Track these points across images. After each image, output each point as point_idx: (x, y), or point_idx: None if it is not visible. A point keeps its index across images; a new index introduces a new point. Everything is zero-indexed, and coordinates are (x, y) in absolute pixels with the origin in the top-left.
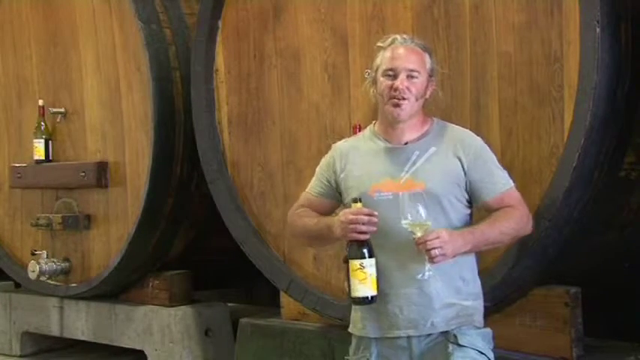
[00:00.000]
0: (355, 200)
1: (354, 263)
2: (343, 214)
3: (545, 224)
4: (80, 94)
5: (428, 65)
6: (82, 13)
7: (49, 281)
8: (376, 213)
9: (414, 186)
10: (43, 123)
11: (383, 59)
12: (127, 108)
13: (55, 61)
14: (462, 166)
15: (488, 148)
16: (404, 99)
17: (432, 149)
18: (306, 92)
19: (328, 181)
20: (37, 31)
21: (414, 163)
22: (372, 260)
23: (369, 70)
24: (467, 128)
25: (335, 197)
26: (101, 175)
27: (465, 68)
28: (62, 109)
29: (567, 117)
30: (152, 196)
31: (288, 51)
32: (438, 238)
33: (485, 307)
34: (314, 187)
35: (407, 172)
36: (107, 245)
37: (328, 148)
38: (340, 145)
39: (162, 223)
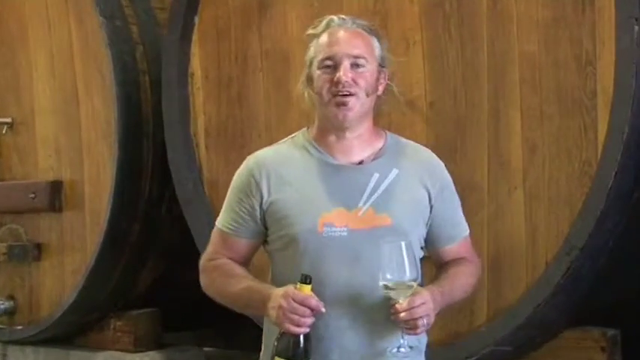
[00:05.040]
0: (305, 280)
1: None
2: (285, 297)
3: (577, 254)
4: (30, 102)
5: (377, 52)
6: (32, 8)
7: None
8: (323, 310)
9: (377, 221)
10: None
11: (317, 48)
12: (85, 117)
13: (0, 63)
14: (429, 198)
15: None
16: (350, 95)
17: (394, 172)
18: (296, 99)
19: (248, 214)
20: None
21: (375, 189)
22: None
23: (303, 77)
24: (484, 142)
25: (258, 235)
26: (54, 196)
27: (482, 72)
28: (8, 119)
29: (601, 128)
30: (115, 221)
31: (275, 52)
32: (424, 304)
33: (507, 352)
34: (228, 221)
35: (366, 201)
36: (61, 280)
37: None
38: (262, 157)
39: (127, 253)
